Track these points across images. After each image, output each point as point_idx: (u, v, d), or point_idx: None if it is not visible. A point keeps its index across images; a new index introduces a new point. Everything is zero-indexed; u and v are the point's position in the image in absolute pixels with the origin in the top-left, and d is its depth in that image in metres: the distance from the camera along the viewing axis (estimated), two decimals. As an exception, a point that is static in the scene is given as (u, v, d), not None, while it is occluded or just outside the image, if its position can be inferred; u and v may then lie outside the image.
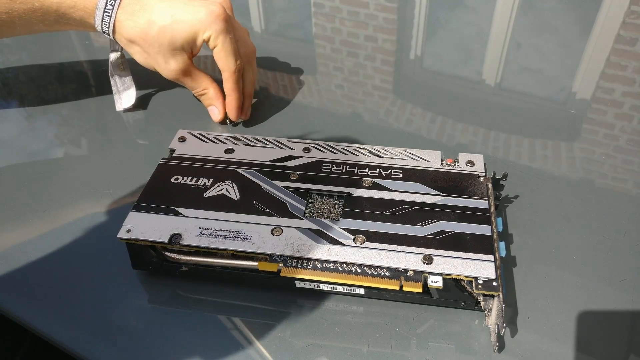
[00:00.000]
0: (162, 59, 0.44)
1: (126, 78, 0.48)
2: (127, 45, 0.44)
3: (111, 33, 0.43)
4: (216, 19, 0.43)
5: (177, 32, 0.43)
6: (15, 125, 0.49)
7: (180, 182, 0.37)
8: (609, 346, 0.31)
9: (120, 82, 0.48)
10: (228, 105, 0.47)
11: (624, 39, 0.57)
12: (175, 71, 0.44)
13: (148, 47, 0.43)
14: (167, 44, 0.43)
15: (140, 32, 0.42)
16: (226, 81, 0.46)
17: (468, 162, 0.38)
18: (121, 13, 0.43)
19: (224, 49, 0.44)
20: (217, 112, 0.47)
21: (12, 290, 0.34)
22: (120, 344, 0.31)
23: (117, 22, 0.43)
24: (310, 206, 0.35)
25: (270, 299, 0.33)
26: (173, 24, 0.42)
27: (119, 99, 0.48)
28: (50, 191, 0.41)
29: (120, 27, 0.43)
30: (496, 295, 0.29)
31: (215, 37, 0.43)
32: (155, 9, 0.43)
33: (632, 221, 0.38)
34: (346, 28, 0.62)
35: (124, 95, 0.48)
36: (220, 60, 0.45)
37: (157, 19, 0.42)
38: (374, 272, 0.31)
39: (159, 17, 0.42)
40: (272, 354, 0.31)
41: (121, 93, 0.48)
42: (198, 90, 0.47)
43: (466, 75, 0.56)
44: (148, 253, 0.33)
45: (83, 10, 0.42)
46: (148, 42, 0.43)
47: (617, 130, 0.47)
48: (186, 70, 0.45)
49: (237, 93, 0.46)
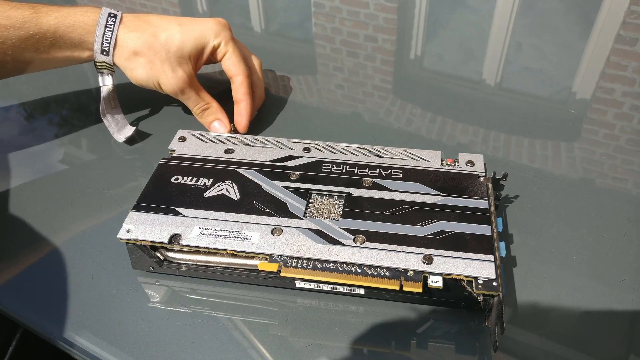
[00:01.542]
0: (169, 67, 0.42)
1: (118, 116, 0.46)
2: (129, 59, 0.43)
3: (111, 49, 0.42)
4: (224, 28, 0.44)
5: (186, 38, 0.42)
6: (15, 125, 0.49)
7: (180, 182, 0.37)
8: (609, 346, 0.31)
9: (113, 122, 0.45)
10: (238, 113, 0.45)
11: (624, 39, 0.57)
12: (183, 79, 0.43)
13: (154, 56, 0.42)
14: (174, 52, 0.42)
15: (146, 42, 0.42)
16: (239, 87, 0.45)
17: (468, 162, 0.38)
18: (123, 28, 0.42)
19: (236, 55, 0.44)
20: (221, 127, 0.45)
21: (12, 290, 0.34)
22: (120, 344, 0.31)
23: (119, 37, 0.42)
24: (310, 206, 0.35)
25: (270, 299, 0.33)
26: (182, 32, 0.43)
27: (117, 136, 0.46)
28: (50, 191, 0.41)
29: (123, 40, 0.42)
30: (496, 295, 0.29)
31: (226, 42, 0.44)
32: (159, 22, 0.43)
33: (632, 221, 0.38)
34: (346, 28, 0.62)
35: (121, 132, 0.46)
36: (233, 66, 0.44)
37: (164, 29, 0.42)
38: (374, 272, 0.31)
39: (166, 28, 0.43)
40: (272, 354, 0.31)
41: (117, 132, 0.45)
42: (201, 105, 0.45)
43: (466, 75, 0.56)
44: (148, 253, 0.33)
45: (83, 28, 0.41)
46: (154, 51, 0.42)
47: (617, 130, 0.47)
48: (192, 81, 0.44)
49: (249, 99, 0.45)
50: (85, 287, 0.34)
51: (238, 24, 0.66)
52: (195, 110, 0.46)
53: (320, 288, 0.32)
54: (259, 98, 0.48)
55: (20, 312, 0.33)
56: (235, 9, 0.46)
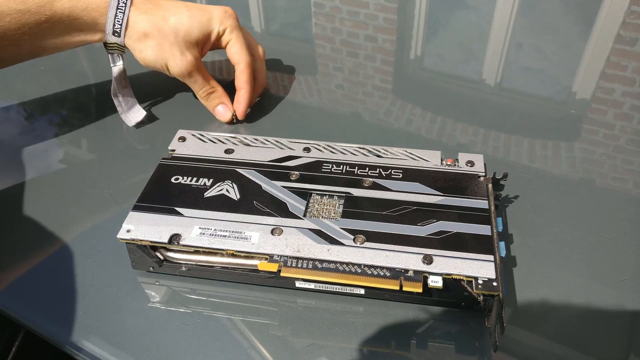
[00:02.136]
0: (177, 50, 0.44)
1: (129, 97, 0.47)
2: (139, 40, 0.43)
3: (123, 30, 0.43)
4: (230, 16, 0.46)
5: (194, 24, 0.44)
6: (15, 125, 0.49)
7: (180, 182, 0.37)
8: (609, 346, 0.31)
9: (124, 102, 0.47)
10: (237, 100, 0.47)
11: (624, 39, 0.57)
12: (190, 62, 0.44)
13: (163, 39, 0.43)
14: (182, 36, 0.43)
15: (155, 25, 0.43)
16: (241, 74, 0.46)
17: (468, 162, 0.38)
18: (134, 10, 0.43)
19: (239, 42, 0.46)
20: (226, 111, 0.47)
21: (12, 289, 0.34)
22: (120, 344, 0.31)
23: (130, 18, 0.43)
24: (310, 206, 0.35)
25: (270, 299, 0.33)
26: (190, 17, 0.44)
27: (126, 117, 0.47)
28: (50, 191, 0.41)
29: (134, 21, 0.43)
30: (496, 295, 0.29)
31: (231, 30, 0.45)
32: (169, 6, 0.44)
33: (632, 221, 0.38)
34: (346, 28, 0.62)
35: (131, 113, 0.47)
36: (236, 53, 0.46)
37: (173, 14, 0.44)
38: (374, 272, 0.31)
39: (175, 12, 0.44)
40: (272, 354, 0.31)
41: (127, 112, 0.47)
42: (207, 88, 0.46)
43: (466, 75, 0.56)
44: (148, 253, 0.33)
45: (95, 10, 0.42)
46: (164, 34, 0.43)
47: (617, 130, 0.47)
48: (199, 65, 0.45)
49: (250, 86, 0.47)
50: (85, 287, 0.34)
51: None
52: (200, 94, 0.47)
53: (320, 288, 0.32)
54: (260, 85, 0.50)
55: (20, 312, 0.33)
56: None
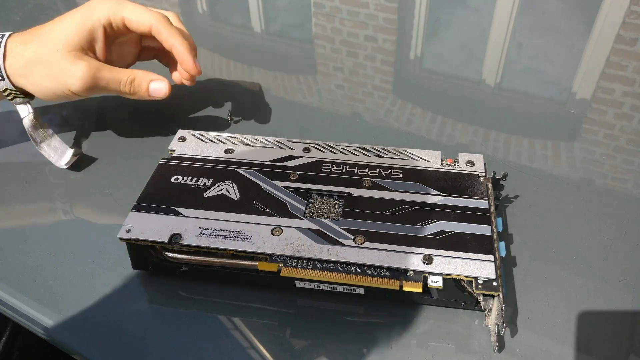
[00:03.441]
0: (67, 64, 0.38)
1: (52, 140, 0.42)
2: (25, 74, 0.38)
3: (2, 69, 0.38)
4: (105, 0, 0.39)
5: (70, 30, 0.38)
6: (15, 125, 0.49)
7: (180, 182, 0.37)
8: (609, 346, 0.31)
9: (51, 150, 0.42)
10: (178, 57, 0.41)
11: (624, 39, 0.57)
12: (88, 67, 0.38)
13: (48, 60, 0.38)
14: (64, 47, 0.38)
15: (37, 49, 0.38)
16: (161, 31, 0.40)
17: (468, 162, 0.38)
18: (11, 43, 0.39)
19: (135, 11, 0.39)
20: (161, 84, 0.41)
21: (12, 289, 0.34)
22: (120, 344, 0.31)
23: (8, 53, 0.38)
24: (310, 206, 0.35)
25: (270, 299, 0.33)
26: (65, 24, 0.39)
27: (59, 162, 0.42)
28: (50, 191, 0.41)
29: (13, 55, 0.38)
30: (496, 295, 0.29)
31: (115, 11, 0.39)
32: (47, 25, 0.39)
33: (632, 221, 0.38)
34: (346, 28, 0.62)
35: (63, 158, 0.42)
36: (139, 16, 0.39)
37: (50, 30, 0.39)
38: (374, 272, 0.31)
39: (52, 27, 0.39)
40: (272, 354, 0.31)
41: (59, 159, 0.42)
42: (124, 81, 0.40)
43: (466, 76, 0.56)
44: (148, 253, 0.33)
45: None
46: (47, 54, 0.38)
47: (617, 130, 0.47)
48: (100, 66, 0.39)
49: (179, 37, 0.40)
50: (85, 287, 0.34)
51: (238, 24, 0.66)
52: (122, 89, 0.40)
53: (320, 288, 0.32)
54: (189, 38, 0.43)
55: (21, 312, 0.33)
56: (235, 9, 0.46)
